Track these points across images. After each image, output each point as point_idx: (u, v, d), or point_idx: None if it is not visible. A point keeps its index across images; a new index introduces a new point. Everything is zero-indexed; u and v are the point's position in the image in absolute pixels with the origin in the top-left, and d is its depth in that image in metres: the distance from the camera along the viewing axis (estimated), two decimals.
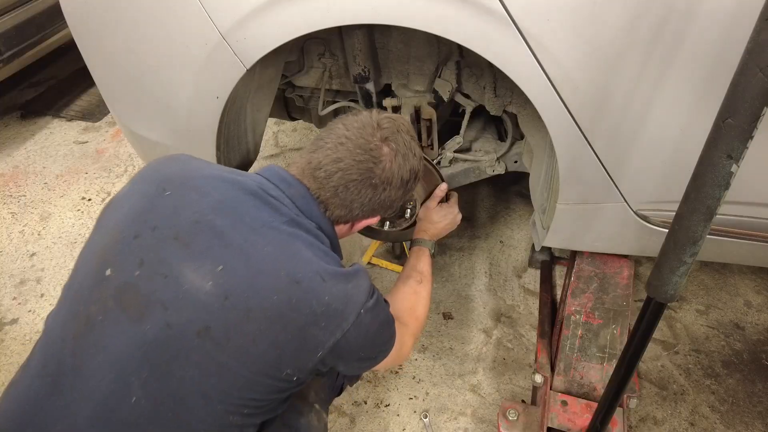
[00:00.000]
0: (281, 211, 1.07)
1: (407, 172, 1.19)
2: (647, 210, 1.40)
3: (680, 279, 0.96)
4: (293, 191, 1.12)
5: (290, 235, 1.04)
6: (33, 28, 3.07)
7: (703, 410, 1.86)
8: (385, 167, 1.15)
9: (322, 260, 1.04)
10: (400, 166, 1.17)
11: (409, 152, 1.19)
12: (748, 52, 0.73)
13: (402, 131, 1.20)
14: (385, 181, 1.15)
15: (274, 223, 1.04)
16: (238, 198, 1.05)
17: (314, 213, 1.13)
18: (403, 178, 1.19)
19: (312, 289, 0.99)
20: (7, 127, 3.37)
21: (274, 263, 0.99)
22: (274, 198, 1.08)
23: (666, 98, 1.15)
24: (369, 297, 1.07)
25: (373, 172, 1.14)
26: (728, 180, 0.82)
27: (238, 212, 1.03)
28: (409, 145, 1.20)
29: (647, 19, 1.05)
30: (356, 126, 1.16)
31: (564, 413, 1.54)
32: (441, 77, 1.61)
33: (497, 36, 1.13)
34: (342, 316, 1.01)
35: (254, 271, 0.97)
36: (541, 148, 1.60)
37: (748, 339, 2.08)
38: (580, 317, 1.64)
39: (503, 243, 2.49)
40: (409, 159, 1.19)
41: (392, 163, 1.15)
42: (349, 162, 1.12)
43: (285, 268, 0.99)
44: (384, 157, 1.15)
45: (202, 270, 0.96)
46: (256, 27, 1.25)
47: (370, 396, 1.90)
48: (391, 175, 1.16)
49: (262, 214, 1.04)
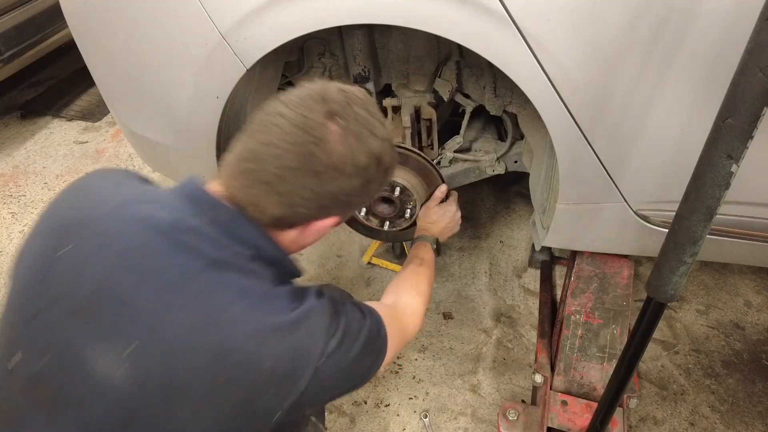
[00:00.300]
0: (201, 250, 0.86)
1: (364, 156, 0.93)
2: (647, 210, 1.40)
3: (680, 279, 0.96)
4: (215, 213, 0.91)
5: (214, 285, 0.84)
6: (33, 28, 3.07)
7: (703, 410, 1.86)
8: (332, 149, 0.89)
9: (260, 310, 0.86)
10: (352, 148, 0.91)
11: (365, 130, 0.93)
12: (748, 52, 0.73)
13: (356, 104, 0.94)
14: (331, 167, 0.90)
15: (192, 272, 0.84)
16: (148, 243, 0.85)
17: (247, 234, 0.92)
18: (359, 164, 0.92)
19: (245, 360, 0.82)
20: (7, 127, 3.37)
21: (192, 334, 0.81)
22: (192, 231, 0.87)
23: (666, 98, 1.15)
24: (329, 339, 0.89)
25: (315, 155, 0.89)
26: (728, 180, 0.82)
27: (147, 264, 0.83)
28: (366, 122, 0.94)
29: (647, 18, 1.05)
30: (296, 101, 0.92)
31: (564, 413, 1.54)
32: (441, 77, 1.61)
33: (497, 36, 1.13)
34: (292, 378, 0.85)
35: (170, 348, 0.80)
36: (541, 148, 1.60)
37: (748, 339, 2.08)
38: (580, 317, 1.64)
39: (503, 243, 2.49)
40: (365, 139, 0.93)
41: (341, 144, 0.90)
42: (283, 146, 0.88)
43: (207, 339, 0.81)
44: (329, 136, 0.89)
45: (111, 353, 0.80)
46: (256, 27, 1.25)
47: (370, 396, 1.90)
48: (340, 160, 0.90)
49: (177, 260, 0.84)
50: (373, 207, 1.72)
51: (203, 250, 0.86)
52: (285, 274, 0.99)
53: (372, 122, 0.96)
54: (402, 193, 1.65)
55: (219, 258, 0.86)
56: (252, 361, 0.82)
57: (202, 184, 0.94)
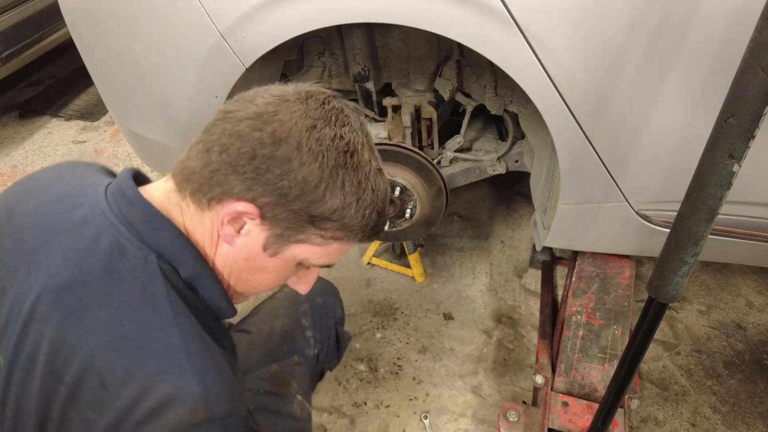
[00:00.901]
0: (108, 251, 0.78)
1: (315, 142, 0.77)
2: (649, 210, 1.40)
3: (682, 279, 0.95)
4: (133, 212, 0.81)
5: (94, 299, 0.76)
6: (31, 27, 3.07)
7: (704, 411, 1.85)
8: (280, 120, 0.77)
9: (128, 346, 0.75)
10: (310, 130, 0.77)
11: (334, 117, 0.80)
12: (750, 52, 0.73)
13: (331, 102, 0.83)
14: (278, 139, 0.76)
15: (79, 279, 0.77)
16: (47, 245, 0.80)
17: (157, 234, 0.81)
18: (313, 148, 0.77)
19: (83, 394, 0.74)
20: (5, 126, 3.37)
21: (44, 352, 0.76)
22: (96, 235, 0.79)
23: (667, 97, 1.15)
24: (191, 423, 0.73)
25: (263, 131, 0.77)
26: (730, 180, 0.81)
27: (44, 267, 0.78)
28: (340, 112, 0.82)
29: (648, 18, 1.04)
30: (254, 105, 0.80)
31: (565, 414, 1.53)
32: (441, 76, 1.60)
33: (498, 35, 1.12)
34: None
35: (21, 363, 0.77)
36: (542, 147, 1.59)
37: (749, 339, 2.08)
38: (581, 318, 1.64)
39: (504, 243, 2.49)
40: (333, 124, 0.80)
41: (294, 121, 0.77)
42: (230, 131, 0.78)
43: (52, 362, 0.75)
44: (280, 114, 0.78)
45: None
46: (255, 26, 1.24)
47: (370, 397, 1.90)
48: (289, 132, 0.76)
49: (81, 256, 0.78)
50: None
51: (104, 255, 0.78)
52: (205, 306, 0.85)
53: (351, 117, 0.84)
54: (402, 193, 1.65)
55: (117, 269, 0.77)
56: (86, 401, 0.74)
57: (133, 178, 0.86)
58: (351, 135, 0.81)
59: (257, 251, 0.83)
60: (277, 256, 0.85)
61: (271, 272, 0.88)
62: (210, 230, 0.83)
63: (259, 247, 0.83)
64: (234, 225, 0.81)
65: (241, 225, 0.81)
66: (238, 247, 0.83)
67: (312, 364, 1.42)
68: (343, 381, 1.94)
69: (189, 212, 0.83)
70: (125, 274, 0.77)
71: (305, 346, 1.40)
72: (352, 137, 0.81)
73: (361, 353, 2.02)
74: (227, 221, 0.80)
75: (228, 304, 0.88)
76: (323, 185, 0.78)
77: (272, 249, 0.83)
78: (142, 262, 0.78)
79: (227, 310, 0.89)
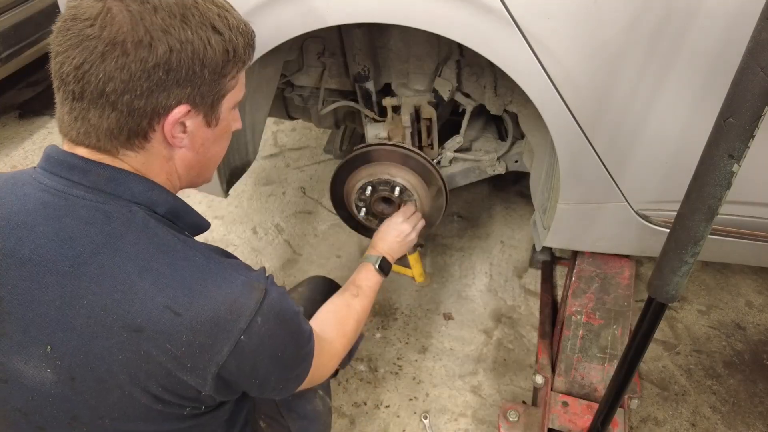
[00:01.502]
0: (91, 225, 0.80)
1: (149, 29, 0.78)
2: (648, 210, 1.40)
3: (681, 279, 0.95)
4: (90, 178, 0.83)
5: (114, 260, 0.79)
6: (31, 28, 3.06)
7: (704, 411, 1.85)
8: (111, 21, 0.77)
9: (171, 278, 0.80)
10: (137, 18, 0.77)
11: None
12: (749, 51, 0.73)
13: None
14: (110, 42, 0.76)
15: (86, 253, 0.79)
16: (33, 234, 0.80)
17: (131, 188, 0.84)
18: (153, 26, 0.78)
19: (160, 333, 0.78)
20: (5, 127, 3.37)
21: (102, 317, 0.78)
22: (73, 208, 0.82)
23: (667, 97, 1.15)
24: (252, 315, 0.83)
25: (92, 37, 0.77)
26: (729, 179, 0.81)
27: (38, 260, 0.79)
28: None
29: (648, 17, 1.04)
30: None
31: (565, 414, 1.53)
32: (441, 76, 1.60)
33: (498, 35, 1.12)
34: (211, 350, 0.81)
35: (83, 336, 0.79)
36: (542, 147, 1.59)
37: (749, 339, 2.08)
38: (581, 318, 1.64)
39: (504, 243, 2.49)
40: (160, 8, 0.79)
41: (121, 12, 0.77)
42: (65, 48, 0.79)
43: (118, 319, 0.78)
44: (105, 12, 0.77)
45: (33, 361, 0.81)
46: (255, 26, 1.23)
47: (369, 397, 1.90)
48: (119, 32, 0.77)
49: (67, 246, 0.79)
50: (373, 207, 1.72)
51: (93, 224, 0.80)
52: (188, 227, 0.93)
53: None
54: (402, 193, 1.65)
55: (113, 230, 0.80)
56: (167, 334, 0.78)
57: (64, 149, 0.87)
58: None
59: (206, 132, 0.91)
60: (219, 122, 0.93)
61: (222, 137, 0.97)
62: (158, 154, 0.88)
63: (205, 128, 0.91)
64: (179, 132, 0.87)
65: (183, 127, 0.87)
66: (191, 143, 0.90)
67: None
68: (343, 381, 1.94)
69: (131, 157, 0.86)
70: (123, 231, 0.81)
71: None
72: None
73: (361, 353, 2.02)
74: (172, 135, 0.86)
75: (205, 220, 0.98)
76: (203, 44, 0.82)
77: (213, 120, 0.91)
78: (129, 216, 0.83)
79: (206, 224, 0.98)
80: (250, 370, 0.86)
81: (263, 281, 0.88)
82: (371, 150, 1.64)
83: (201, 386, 0.83)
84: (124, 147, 0.84)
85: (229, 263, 0.88)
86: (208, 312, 0.80)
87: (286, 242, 2.49)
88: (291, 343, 0.93)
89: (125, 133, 0.82)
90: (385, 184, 1.65)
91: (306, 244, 2.49)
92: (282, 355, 0.91)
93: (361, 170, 1.67)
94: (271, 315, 0.86)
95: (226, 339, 0.81)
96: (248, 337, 0.82)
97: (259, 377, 0.89)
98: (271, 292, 0.87)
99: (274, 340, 0.87)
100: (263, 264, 2.39)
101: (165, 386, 0.82)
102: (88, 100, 0.80)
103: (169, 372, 0.80)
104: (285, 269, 2.37)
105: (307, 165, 2.96)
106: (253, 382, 0.89)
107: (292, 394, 1.01)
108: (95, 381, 0.81)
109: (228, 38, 0.86)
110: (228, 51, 0.86)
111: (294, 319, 0.94)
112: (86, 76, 0.78)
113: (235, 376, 0.85)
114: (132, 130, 0.82)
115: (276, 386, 0.96)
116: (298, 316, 0.96)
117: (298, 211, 2.67)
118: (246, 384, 0.90)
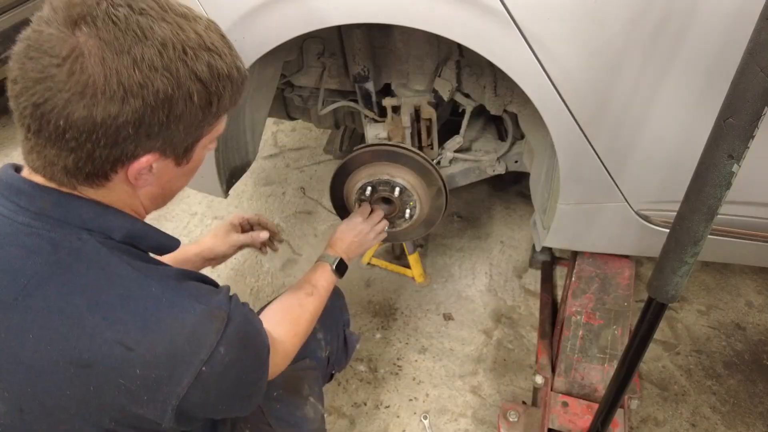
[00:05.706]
0: (36, 254, 0.75)
1: (133, 70, 0.70)
2: (648, 210, 1.40)
3: (681, 279, 0.95)
4: (37, 204, 0.78)
5: (61, 291, 0.74)
6: None
7: (704, 411, 1.85)
8: (82, 68, 0.68)
9: (121, 311, 0.75)
10: (111, 62, 0.69)
11: (131, 34, 0.70)
12: (749, 52, 0.73)
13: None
14: (77, 91, 0.68)
15: (33, 284, 0.74)
16: None
17: (82, 214, 0.79)
18: (130, 82, 0.70)
19: (112, 368, 0.74)
20: (4, 127, 3.37)
21: (49, 351, 0.73)
22: (18, 235, 0.76)
23: (667, 98, 1.15)
24: (218, 336, 0.80)
25: (58, 79, 0.68)
26: (729, 180, 0.82)
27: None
28: (135, 23, 0.70)
29: (648, 18, 1.04)
30: (36, 17, 0.72)
31: (565, 414, 1.53)
32: (441, 76, 1.60)
33: (498, 35, 1.12)
34: (169, 383, 0.77)
35: (32, 370, 0.75)
36: (542, 147, 1.59)
37: (749, 339, 2.08)
38: (581, 318, 1.64)
39: (504, 243, 2.49)
40: (131, 47, 0.70)
41: (93, 58, 0.68)
42: (27, 81, 0.70)
43: (66, 353, 0.73)
44: (76, 52, 0.68)
45: None
46: (255, 26, 1.24)
47: (369, 397, 1.90)
48: (94, 80, 0.68)
49: (10, 276, 0.74)
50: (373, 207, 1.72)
51: (38, 254, 0.75)
52: (152, 248, 0.88)
53: (145, 21, 0.71)
54: (402, 193, 1.65)
55: (59, 260, 0.75)
56: (119, 369, 0.74)
57: (15, 171, 0.82)
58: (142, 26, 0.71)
59: (174, 171, 0.85)
60: (191, 161, 0.87)
61: (190, 172, 0.91)
62: (120, 191, 0.82)
63: (173, 168, 0.85)
64: (145, 174, 0.81)
65: (150, 168, 0.81)
66: (157, 181, 0.85)
67: (323, 366, 1.42)
68: (342, 381, 1.94)
69: (89, 192, 0.80)
70: (70, 261, 0.76)
71: (317, 349, 1.40)
72: (142, 24, 0.71)
73: (360, 354, 2.02)
74: (136, 178, 0.80)
75: (172, 239, 0.92)
76: (184, 99, 0.75)
77: (185, 161, 0.85)
78: (78, 244, 0.77)
79: (172, 243, 0.92)
80: (216, 398, 0.84)
81: (225, 307, 0.83)
82: (371, 150, 1.64)
83: (159, 419, 0.79)
84: (83, 185, 0.79)
85: (189, 291, 0.82)
86: (164, 344, 0.76)
87: (286, 242, 2.49)
88: (255, 362, 0.92)
89: (83, 174, 0.77)
90: (385, 185, 1.65)
91: (306, 245, 2.49)
92: (246, 376, 0.89)
93: (360, 170, 1.67)
94: (234, 341, 0.83)
95: (185, 371, 0.78)
96: (210, 367, 0.79)
97: (225, 402, 0.87)
98: (234, 317, 0.83)
99: (238, 364, 0.85)
100: (263, 264, 2.39)
101: (119, 421, 0.79)
102: (45, 138, 0.73)
103: (123, 407, 0.77)
104: (285, 269, 2.37)
105: (307, 165, 2.96)
106: (219, 409, 0.88)
107: (254, 407, 0.99)
108: (44, 414, 0.77)
109: (214, 89, 0.78)
110: (212, 103, 0.79)
111: (257, 338, 0.92)
112: (45, 116, 0.70)
113: (198, 406, 0.82)
114: (91, 173, 0.77)
115: (242, 406, 0.94)
116: (261, 334, 0.93)
117: (297, 212, 2.68)
118: (211, 411, 0.87)
